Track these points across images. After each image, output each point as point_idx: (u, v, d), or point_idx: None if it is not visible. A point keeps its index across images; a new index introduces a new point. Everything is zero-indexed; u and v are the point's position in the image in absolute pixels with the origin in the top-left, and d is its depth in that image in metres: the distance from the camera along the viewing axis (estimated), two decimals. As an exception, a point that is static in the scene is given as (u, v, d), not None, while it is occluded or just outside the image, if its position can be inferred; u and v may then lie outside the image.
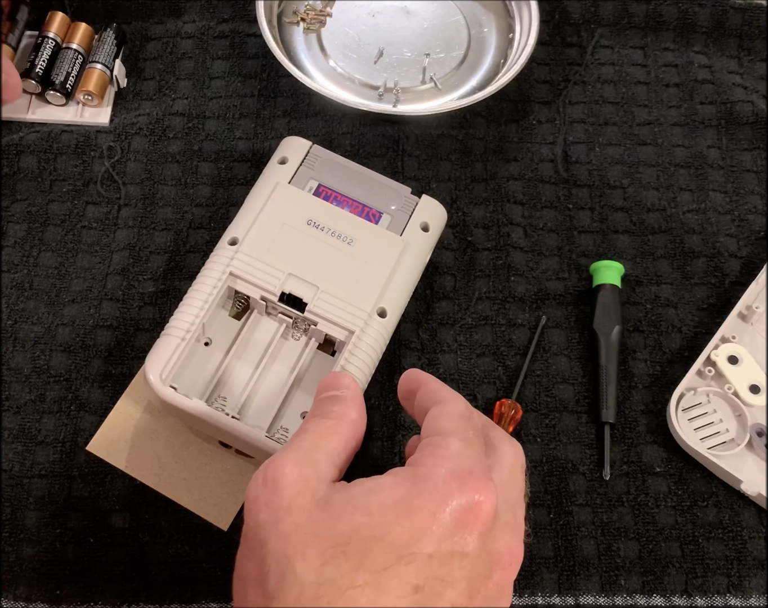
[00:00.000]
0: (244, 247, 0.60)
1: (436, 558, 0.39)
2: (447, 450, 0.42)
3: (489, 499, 0.40)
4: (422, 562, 0.38)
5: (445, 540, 0.39)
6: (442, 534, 0.39)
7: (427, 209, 0.65)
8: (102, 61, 0.73)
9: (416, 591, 0.38)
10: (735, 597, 0.58)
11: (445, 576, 0.39)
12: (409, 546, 0.38)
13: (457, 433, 0.43)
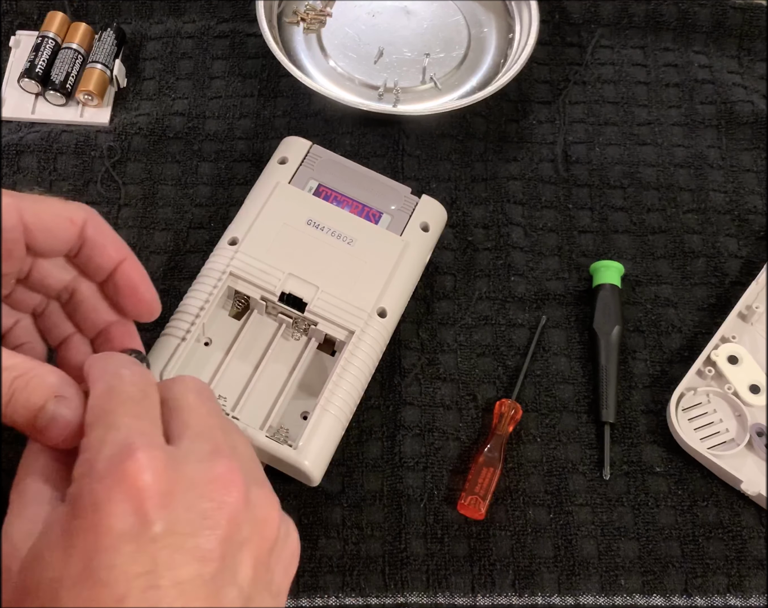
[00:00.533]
0: (244, 247, 0.60)
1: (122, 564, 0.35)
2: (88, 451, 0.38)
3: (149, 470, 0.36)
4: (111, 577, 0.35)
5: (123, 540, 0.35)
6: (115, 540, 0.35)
7: (427, 209, 0.65)
8: (102, 61, 0.73)
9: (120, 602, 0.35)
10: (735, 597, 0.58)
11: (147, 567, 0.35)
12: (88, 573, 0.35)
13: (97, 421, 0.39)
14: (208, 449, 0.39)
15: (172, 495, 0.37)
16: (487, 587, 0.57)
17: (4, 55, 0.76)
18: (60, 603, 0.35)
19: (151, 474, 0.36)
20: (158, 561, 0.35)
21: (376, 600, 0.57)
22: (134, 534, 0.35)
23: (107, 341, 0.50)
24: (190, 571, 0.36)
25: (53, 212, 0.45)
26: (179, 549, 0.36)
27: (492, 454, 0.60)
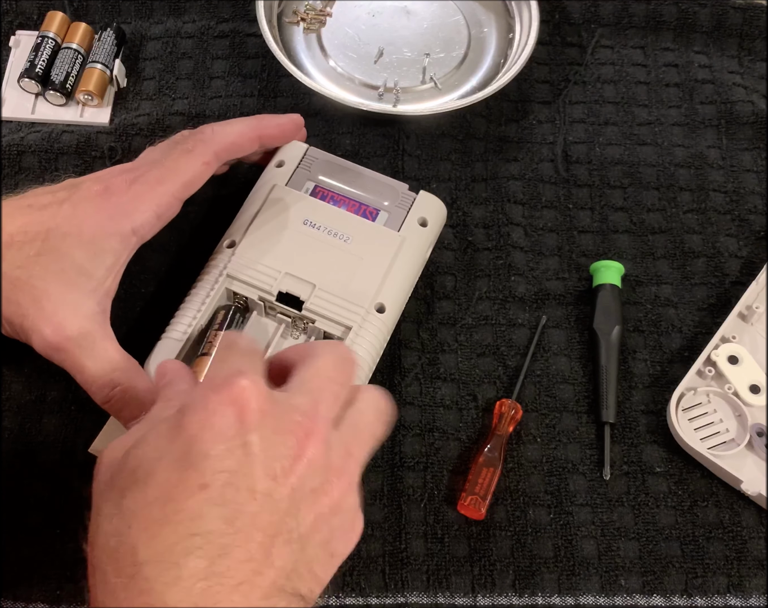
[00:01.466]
0: (240, 249, 0.61)
1: (214, 456, 0.41)
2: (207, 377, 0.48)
3: (253, 392, 0.42)
4: (202, 464, 0.41)
5: (220, 438, 0.41)
6: (214, 436, 0.41)
7: (425, 205, 0.65)
8: (102, 61, 0.73)
9: (203, 489, 0.40)
10: (735, 597, 0.58)
11: (232, 466, 0.41)
12: (186, 456, 0.41)
13: (214, 359, 0.50)
14: (307, 400, 0.45)
15: (267, 416, 0.42)
16: (488, 587, 0.57)
17: (4, 55, 0.76)
18: (154, 477, 0.41)
19: (254, 393, 0.42)
20: (241, 466, 0.41)
21: (376, 600, 0.57)
22: (230, 436, 0.41)
23: None
24: (264, 485, 0.41)
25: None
26: (260, 463, 0.41)
27: (492, 454, 0.60)
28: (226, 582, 0.39)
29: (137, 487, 0.41)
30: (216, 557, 0.39)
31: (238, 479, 0.41)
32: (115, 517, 0.41)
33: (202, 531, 0.40)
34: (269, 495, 0.41)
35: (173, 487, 0.40)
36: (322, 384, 0.46)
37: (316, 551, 0.43)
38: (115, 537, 0.40)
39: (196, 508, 0.40)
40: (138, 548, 0.39)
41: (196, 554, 0.39)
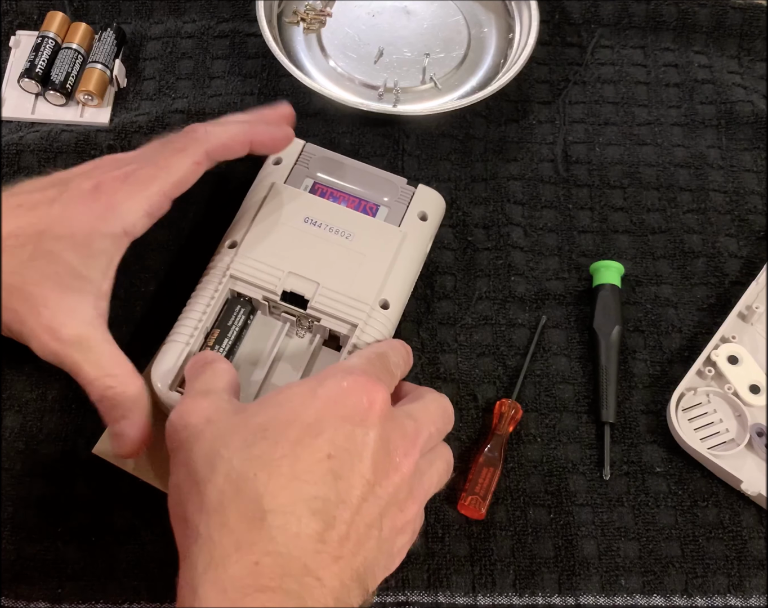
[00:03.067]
0: (242, 249, 0.60)
1: (341, 432, 0.45)
2: (348, 362, 0.51)
3: (380, 393, 0.47)
4: (330, 435, 0.45)
5: (346, 419, 0.46)
6: (342, 414, 0.46)
7: (425, 198, 0.65)
8: (102, 61, 0.73)
9: (329, 458, 0.44)
10: (735, 597, 0.58)
11: (351, 448, 0.45)
12: (317, 423, 0.45)
13: (361, 356, 0.52)
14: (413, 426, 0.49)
15: (386, 420, 0.47)
16: (488, 587, 0.57)
17: (4, 55, 0.76)
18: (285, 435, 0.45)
19: (383, 400, 0.47)
20: (360, 451, 0.45)
21: (377, 598, 0.57)
22: (356, 421, 0.46)
23: None
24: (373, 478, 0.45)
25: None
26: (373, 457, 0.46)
27: (492, 454, 0.60)
28: (330, 552, 0.43)
29: (267, 441, 0.44)
30: (328, 526, 0.43)
31: (356, 462, 0.45)
32: (241, 462, 0.44)
33: (322, 496, 0.43)
34: (373, 488, 0.45)
35: (304, 448, 0.44)
36: (427, 419, 0.51)
37: (384, 556, 0.47)
38: (239, 481, 0.43)
39: (321, 474, 0.44)
40: (264, 496, 0.43)
41: (316, 516, 0.43)
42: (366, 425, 0.46)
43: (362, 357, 0.52)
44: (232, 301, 0.60)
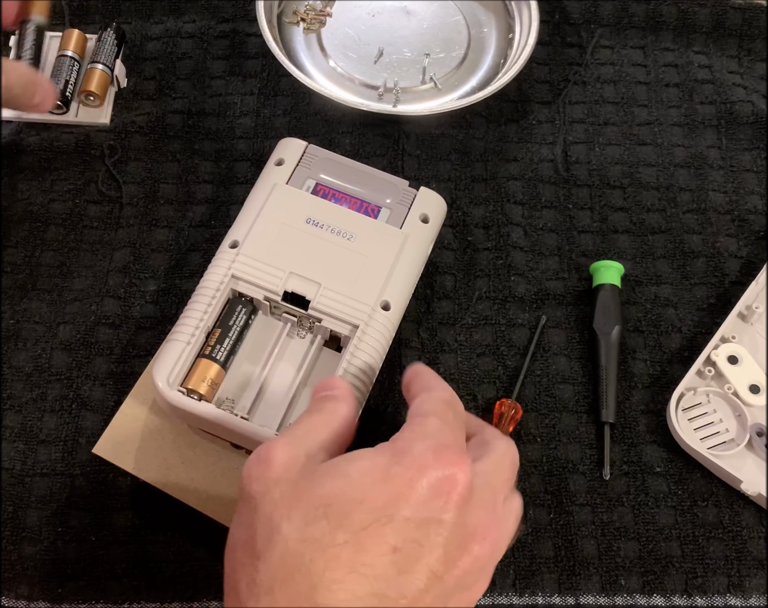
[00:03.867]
0: (244, 249, 0.60)
1: (412, 522, 0.41)
2: (426, 428, 0.45)
3: (463, 472, 0.42)
4: (399, 524, 0.41)
5: (422, 506, 0.41)
6: (418, 500, 0.41)
7: (426, 201, 0.65)
8: (103, 61, 0.73)
9: (394, 552, 0.40)
10: (735, 597, 0.58)
11: (422, 540, 0.41)
12: (387, 509, 0.41)
13: (437, 414, 0.46)
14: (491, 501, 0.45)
15: (466, 505, 0.42)
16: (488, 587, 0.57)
17: (4, 55, 0.76)
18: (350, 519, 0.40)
19: (465, 479, 0.42)
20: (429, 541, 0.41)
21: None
22: (432, 507, 0.42)
23: None
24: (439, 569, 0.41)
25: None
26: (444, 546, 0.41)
27: (492, 454, 0.60)
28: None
29: (329, 522, 0.41)
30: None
31: (424, 554, 0.41)
32: (298, 543, 0.40)
33: (380, 593, 0.40)
34: (440, 580, 0.41)
35: (368, 538, 0.40)
36: (502, 483, 0.47)
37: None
38: (293, 564, 0.40)
39: (383, 569, 0.40)
40: (317, 587, 0.39)
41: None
42: (444, 512, 0.42)
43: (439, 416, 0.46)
44: (233, 301, 0.60)
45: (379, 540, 0.40)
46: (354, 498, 0.41)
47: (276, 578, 0.40)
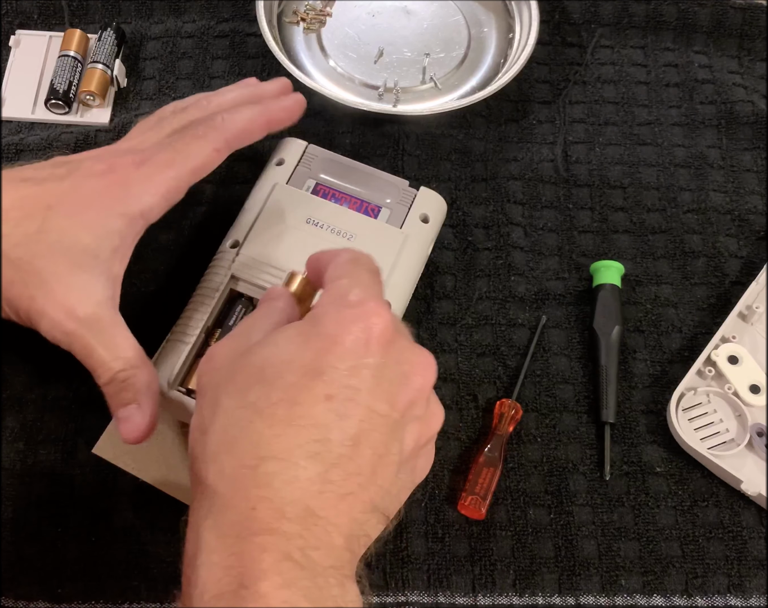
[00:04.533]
0: (244, 250, 0.60)
1: (341, 370, 0.43)
2: (339, 289, 0.46)
3: (380, 316, 0.44)
4: (329, 375, 0.43)
5: (347, 354, 0.43)
6: (342, 351, 0.43)
7: (426, 201, 0.65)
8: (103, 61, 0.73)
9: (328, 400, 0.42)
10: (735, 597, 0.58)
11: (355, 384, 0.43)
12: (314, 363, 0.43)
13: (345, 275, 0.47)
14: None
15: (390, 346, 0.45)
16: (488, 587, 0.57)
17: (4, 55, 0.76)
18: (282, 378, 0.43)
19: (383, 323, 0.44)
20: (363, 384, 0.43)
21: (377, 598, 0.57)
22: (358, 355, 0.43)
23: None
24: (381, 407, 0.43)
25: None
26: (380, 386, 0.44)
27: (492, 454, 0.60)
28: (335, 491, 0.42)
29: (263, 385, 0.43)
30: (330, 465, 0.42)
31: (360, 396, 0.43)
32: (237, 410, 0.43)
33: (322, 439, 0.42)
34: (384, 416, 0.44)
35: (300, 392, 0.43)
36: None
37: (407, 476, 0.47)
38: (235, 429, 0.43)
39: (321, 416, 0.42)
40: (260, 443, 0.42)
41: (316, 459, 0.42)
42: (368, 357, 0.44)
43: (348, 275, 0.47)
44: (233, 301, 0.60)
45: (311, 392, 0.42)
46: (283, 360, 0.44)
47: (221, 444, 0.43)
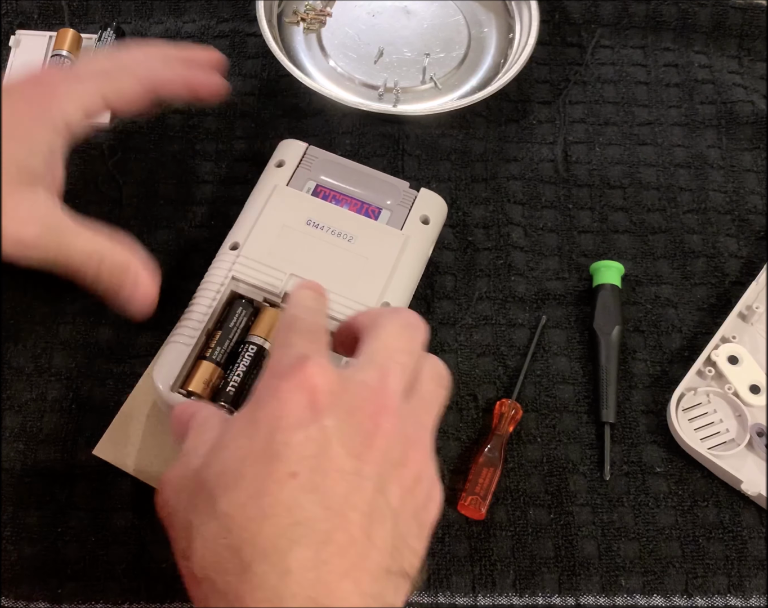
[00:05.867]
0: (245, 251, 0.60)
1: (295, 445, 0.40)
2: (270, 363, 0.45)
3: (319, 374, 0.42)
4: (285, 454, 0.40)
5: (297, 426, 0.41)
6: (290, 425, 0.41)
7: (427, 202, 0.65)
8: (103, 60, 0.73)
9: (293, 477, 0.40)
10: (735, 597, 0.58)
11: (315, 452, 0.40)
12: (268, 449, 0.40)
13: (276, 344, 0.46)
14: (375, 374, 0.44)
15: (338, 397, 0.42)
16: (488, 587, 0.57)
17: (4, 55, 0.76)
18: (243, 475, 0.40)
19: (322, 376, 0.42)
20: (323, 450, 0.40)
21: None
22: (306, 422, 0.41)
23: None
24: (349, 465, 0.40)
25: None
26: (341, 444, 0.41)
27: (492, 454, 0.60)
28: (334, 570, 0.39)
29: (228, 490, 0.40)
30: (320, 544, 0.39)
31: (324, 463, 0.40)
32: (211, 524, 0.40)
33: (301, 520, 0.39)
34: (357, 474, 0.41)
35: (264, 481, 0.40)
36: (389, 355, 0.45)
37: (409, 524, 0.42)
38: (214, 544, 0.40)
39: (291, 497, 0.39)
40: (242, 548, 0.39)
41: (301, 543, 0.39)
42: (318, 420, 0.41)
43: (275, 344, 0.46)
44: (233, 303, 0.60)
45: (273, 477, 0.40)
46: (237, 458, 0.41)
47: (206, 566, 0.40)
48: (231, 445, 0.42)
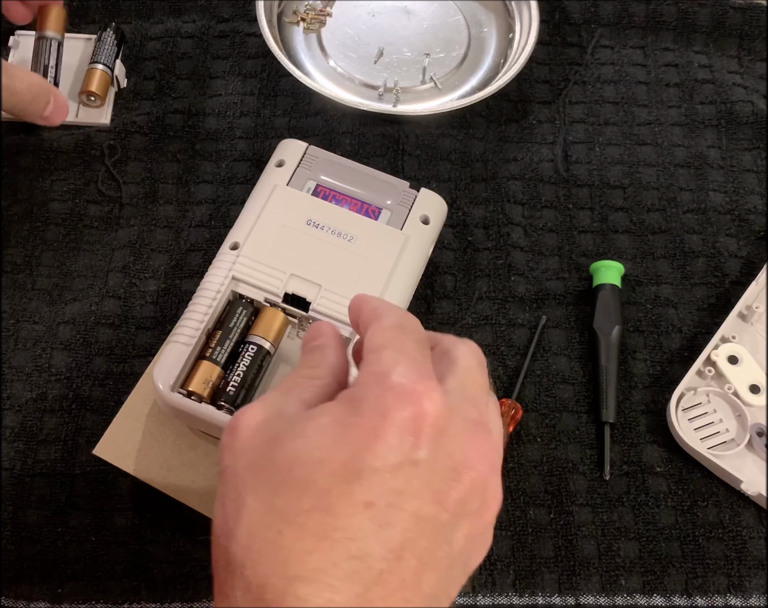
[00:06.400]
0: (245, 251, 0.60)
1: (383, 472, 0.37)
2: (380, 366, 0.40)
3: (431, 400, 0.39)
4: (369, 479, 0.37)
5: (390, 452, 0.37)
6: (384, 448, 0.37)
7: (427, 202, 0.65)
8: (103, 61, 0.73)
9: (368, 508, 0.37)
10: (735, 597, 0.58)
11: (400, 487, 0.37)
12: (351, 465, 0.37)
13: (389, 345, 0.41)
14: (474, 415, 0.41)
15: (442, 435, 0.38)
16: (488, 587, 0.57)
17: (4, 55, 0.76)
18: (314, 483, 0.37)
19: (435, 408, 0.38)
20: (408, 486, 0.37)
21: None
22: (403, 451, 0.37)
23: None
24: (428, 511, 0.38)
25: None
26: (428, 485, 0.38)
27: (492, 454, 0.60)
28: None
29: (292, 490, 0.37)
30: (371, 584, 0.36)
31: (404, 500, 0.37)
32: (265, 516, 0.37)
33: (361, 554, 0.36)
34: (432, 520, 0.38)
35: (335, 499, 0.37)
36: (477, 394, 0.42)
37: (458, 571, 0.41)
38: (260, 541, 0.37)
39: (359, 528, 0.36)
40: (289, 560, 0.36)
41: (353, 578, 0.36)
42: (415, 452, 0.38)
43: (392, 347, 0.41)
44: (234, 303, 0.60)
45: (348, 499, 0.37)
46: (314, 459, 0.38)
47: (246, 556, 0.37)
48: (314, 439, 0.38)
